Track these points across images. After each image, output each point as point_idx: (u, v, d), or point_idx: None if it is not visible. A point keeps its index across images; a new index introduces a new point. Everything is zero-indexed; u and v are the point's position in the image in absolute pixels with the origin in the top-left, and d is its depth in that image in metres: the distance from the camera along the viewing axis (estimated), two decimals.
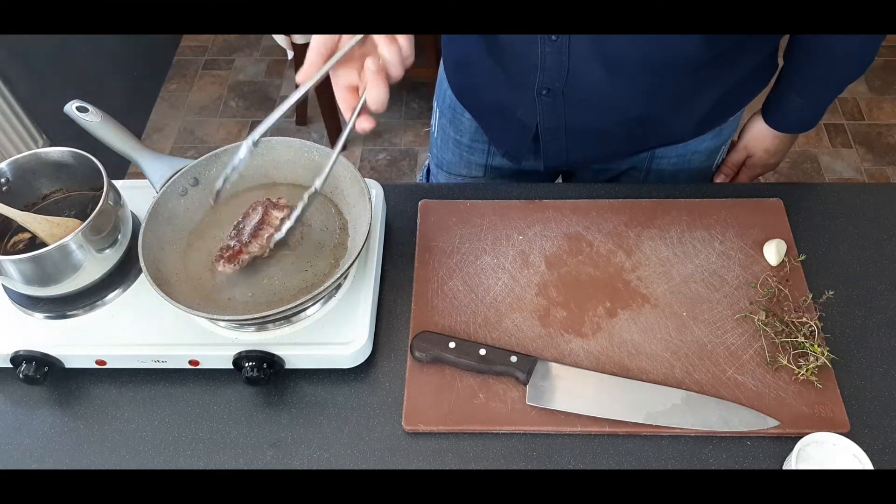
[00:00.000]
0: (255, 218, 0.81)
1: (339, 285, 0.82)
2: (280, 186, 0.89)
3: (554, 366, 0.78)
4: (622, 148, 1.00)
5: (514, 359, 0.77)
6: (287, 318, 0.79)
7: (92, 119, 0.84)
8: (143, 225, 0.80)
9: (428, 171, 1.23)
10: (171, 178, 0.85)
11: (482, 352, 0.78)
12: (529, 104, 0.91)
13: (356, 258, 0.77)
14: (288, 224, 0.76)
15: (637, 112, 0.90)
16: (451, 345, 0.78)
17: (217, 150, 0.87)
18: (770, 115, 0.98)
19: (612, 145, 0.99)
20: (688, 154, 1.01)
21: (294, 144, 0.87)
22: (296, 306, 0.74)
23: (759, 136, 1.00)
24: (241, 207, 0.88)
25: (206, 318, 0.75)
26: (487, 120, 1.04)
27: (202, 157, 0.86)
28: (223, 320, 0.75)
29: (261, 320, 0.76)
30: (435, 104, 1.15)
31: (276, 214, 0.81)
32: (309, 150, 0.86)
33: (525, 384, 0.77)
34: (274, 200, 0.83)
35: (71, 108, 0.85)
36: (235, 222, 0.83)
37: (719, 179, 1.07)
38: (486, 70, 0.94)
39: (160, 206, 0.83)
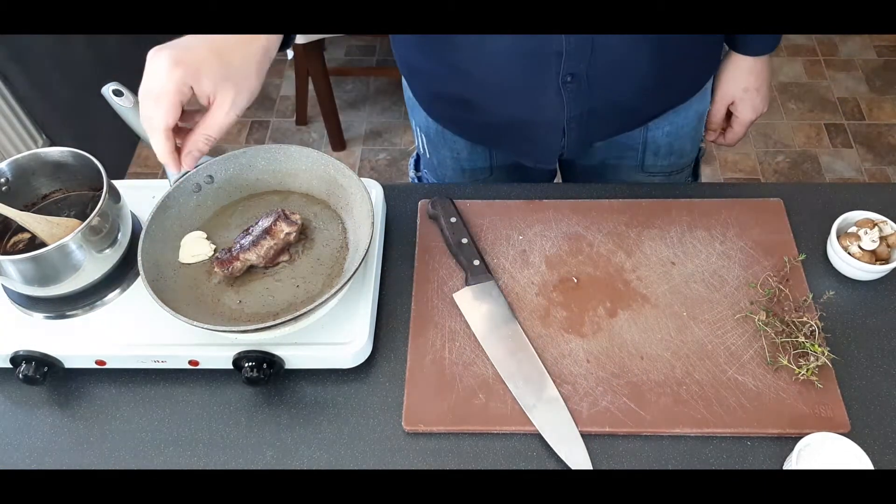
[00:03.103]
0: (263, 227, 0.81)
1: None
2: (293, 195, 0.89)
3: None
4: (633, 120, 0.98)
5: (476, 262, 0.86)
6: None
7: (124, 104, 0.85)
8: (149, 216, 0.81)
9: (418, 172, 1.20)
10: (186, 173, 0.85)
11: (464, 240, 0.87)
12: (553, 99, 0.87)
13: (350, 279, 0.77)
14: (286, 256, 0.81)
15: (652, 77, 0.88)
16: (453, 219, 0.89)
17: (235, 151, 0.87)
18: (738, 43, 0.96)
19: (625, 118, 0.97)
20: (679, 121, 1.01)
21: (312, 156, 0.86)
22: (277, 324, 0.73)
23: (731, 78, 0.99)
24: (251, 210, 0.88)
25: (185, 321, 0.73)
26: (505, 140, 0.99)
27: (220, 156, 0.87)
28: (202, 327, 0.74)
29: (239, 332, 0.76)
30: (416, 129, 1.10)
31: (284, 227, 0.81)
32: (325, 164, 0.86)
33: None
34: (287, 213, 0.83)
35: (108, 90, 0.86)
36: (247, 227, 0.83)
37: (710, 138, 1.06)
38: (481, 87, 0.89)
39: (171, 200, 0.84)
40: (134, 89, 0.90)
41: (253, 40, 0.69)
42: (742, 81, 0.99)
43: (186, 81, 0.66)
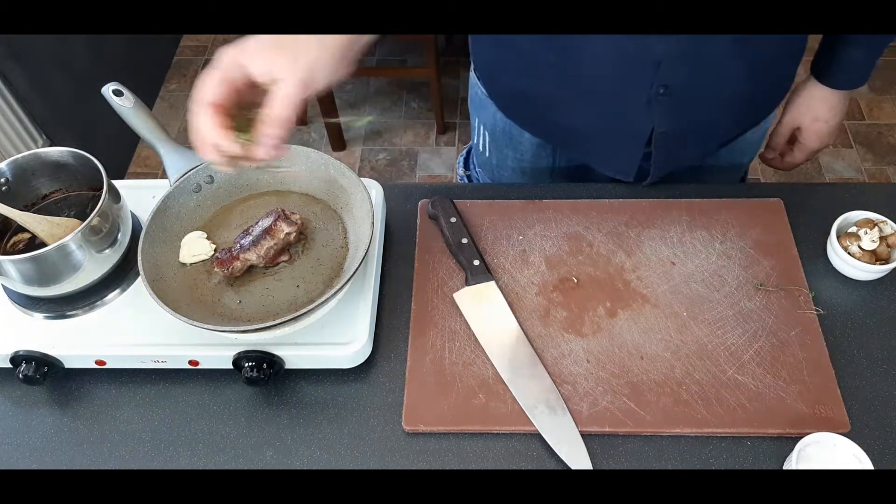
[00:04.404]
0: (263, 227, 0.81)
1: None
2: (293, 195, 0.89)
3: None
4: (717, 141, 0.97)
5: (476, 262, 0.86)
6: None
7: (124, 104, 0.85)
8: (150, 216, 0.81)
9: (467, 171, 1.19)
10: (187, 172, 0.85)
11: (464, 240, 0.87)
12: (641, 109, 0.84)
13: (350, 279, 0.77)
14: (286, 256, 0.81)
15: (744, 96, 0.86)
16: (453, 219, 0.89)
17: None
18: (824, 72, 0.91)
19: (711, 140, 0.95)
20: (748, 136, 1.00)
21: (312, 156, 0.86)
22: (277, 324, 0.73)
23: (804, 105, 0.95)
24: (251, 211, 0.88)
25: (185, 321, 0.73)
26: (586, 144, 0.96)
27: None
28: (202, 327, 0.74)
29: (239, 332, 0.76)
30: (480, 127, 1.07)
31: (284, 227, 0.81)
32: (325, 164, 0.86)
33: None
34: (287, 213, 0.83)
35: (108, 90, 0.86)
36: (247, 227, 0.83)
37: (768, 156, 1.03)
38: (572, 89, 0.86)
39: (171, 200, 0.84)
40: (134, 89, 0.90)
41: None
42: (815, 110, 0.94)
43: (237, 59, 0.60)
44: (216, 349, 0.78)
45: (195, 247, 0.83)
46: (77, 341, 0.80)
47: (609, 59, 0.81)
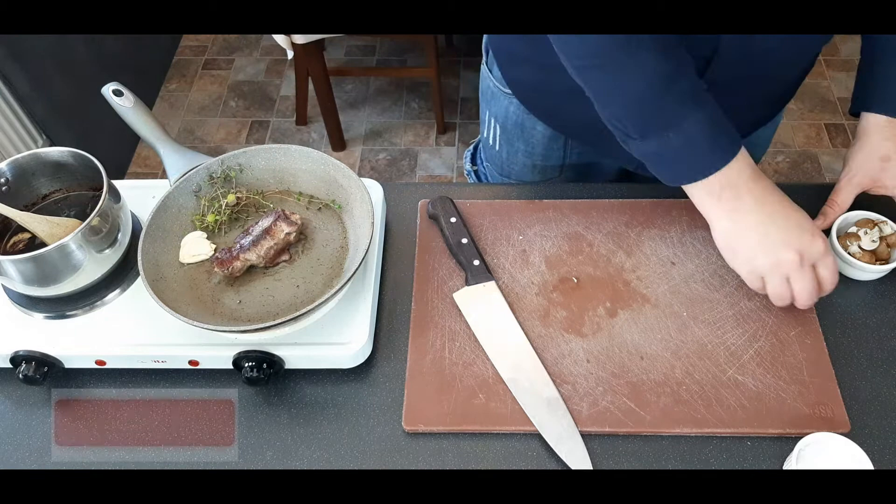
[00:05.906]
0: (263, 227, 0.81)
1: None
2: (293, 195, 0.89)
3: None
4: (741, 132, 0.96)
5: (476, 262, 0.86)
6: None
7: (124, 104, 0.85)
8: (150, 216, 0.81)
9: (474, 166, 1.18)
10: (186, 173, 0.85)
11: (464, 240, 0.87)
12: None
13: (350, 279, 0.77)
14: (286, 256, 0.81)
15: (772, 85, 0.87)
16: (453, 219, 0.89)
17: (235, 151, 0.87)
18: (876, 101, 0.82)
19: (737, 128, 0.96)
20: (756, 141, 1.00)
21: (312, 156, 0.87)
22: (277, 324, 0.73)
23: (864, 149, 0.84)
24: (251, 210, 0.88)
25: (185, 321, 0.73)
26: (597, 138, 0.88)
27: (220, 156, 0.87)
28: (202, 327, 0.74)
29: (239, 332, 0.76)
30: (491, 120, 1.06)
31: (284, 227, 0.81)
32: (325, 164, 0.86)
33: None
34: (287, 213, 0.83)
35: (108, 90, 0.86)
36: (247, 227, 0.83)
37: (820, 223, 0.87)
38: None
39: (171, 200, 0.84)
40: (134, 89, 0.90)
41: None
42: (879, 149, 0.83)
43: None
44: (216, 349, 0.78)
45: (195, 247, 0.83)
46: (77, 341, 0.80)
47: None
